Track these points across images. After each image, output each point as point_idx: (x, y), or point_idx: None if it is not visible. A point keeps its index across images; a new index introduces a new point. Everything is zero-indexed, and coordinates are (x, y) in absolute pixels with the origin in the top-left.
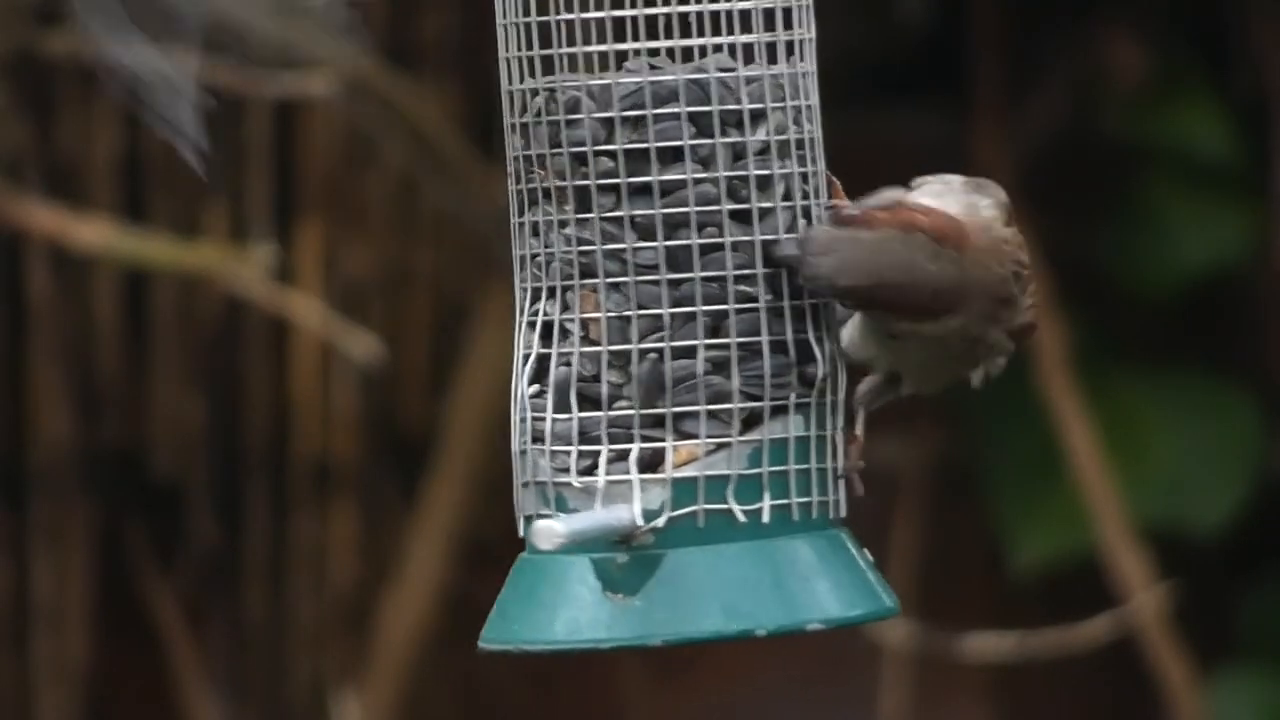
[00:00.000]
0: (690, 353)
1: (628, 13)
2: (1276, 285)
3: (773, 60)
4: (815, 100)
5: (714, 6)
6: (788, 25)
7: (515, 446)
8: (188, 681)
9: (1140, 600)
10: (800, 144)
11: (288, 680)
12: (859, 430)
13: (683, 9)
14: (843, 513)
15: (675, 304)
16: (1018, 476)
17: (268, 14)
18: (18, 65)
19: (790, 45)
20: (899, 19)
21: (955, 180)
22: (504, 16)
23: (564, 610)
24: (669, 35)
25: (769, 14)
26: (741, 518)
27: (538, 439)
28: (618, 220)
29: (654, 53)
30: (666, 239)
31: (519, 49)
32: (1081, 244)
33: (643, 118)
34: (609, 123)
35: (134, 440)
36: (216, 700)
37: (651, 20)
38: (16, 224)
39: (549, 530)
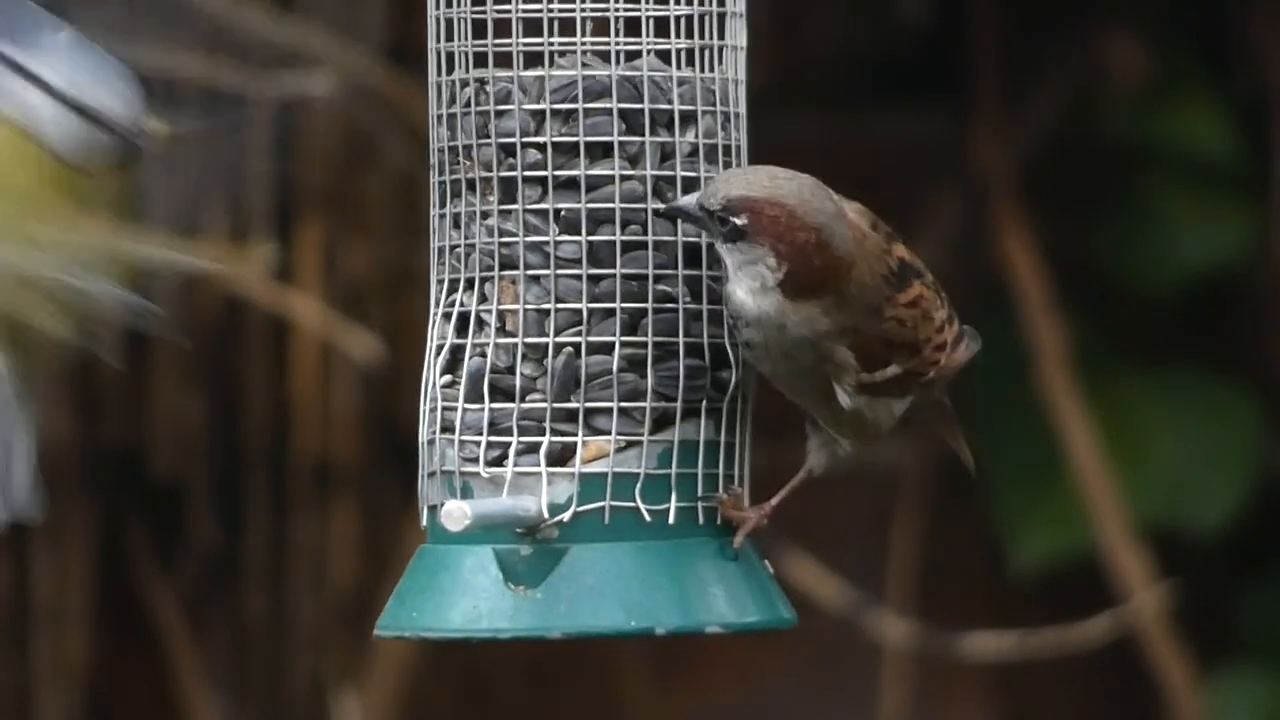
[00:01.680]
0: (606, 349)
1: (559, 11)
2: (1276, 285)
3: (705, 67)
4: (743, 109)
5: (651, 10)
6: (720, 34)
7: (423, 436)
8: (188, 681)
9: (1140, 600)
10: (727, 149)
11: (288, 680)
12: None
13: (623, 11)
14: None
15: (594, 299)
16: (1018, 476)
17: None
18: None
19: (720, 52)
20: (899, 19)
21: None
22: (435, 8)
23: (464, 599)
24: (603, 36)
25: (701, 20)
26: (648, 517)
27: (447, 429)
28: (542, 213)
29: (588, 54)
30: (590, 234)
31: (449, 41)
32: (1082, 244)
33: (574, 111)
34: (539, 115)
35: (134, 440)
36: (216, 700)
37: (585, 21)
38: None
39: (458, 511)
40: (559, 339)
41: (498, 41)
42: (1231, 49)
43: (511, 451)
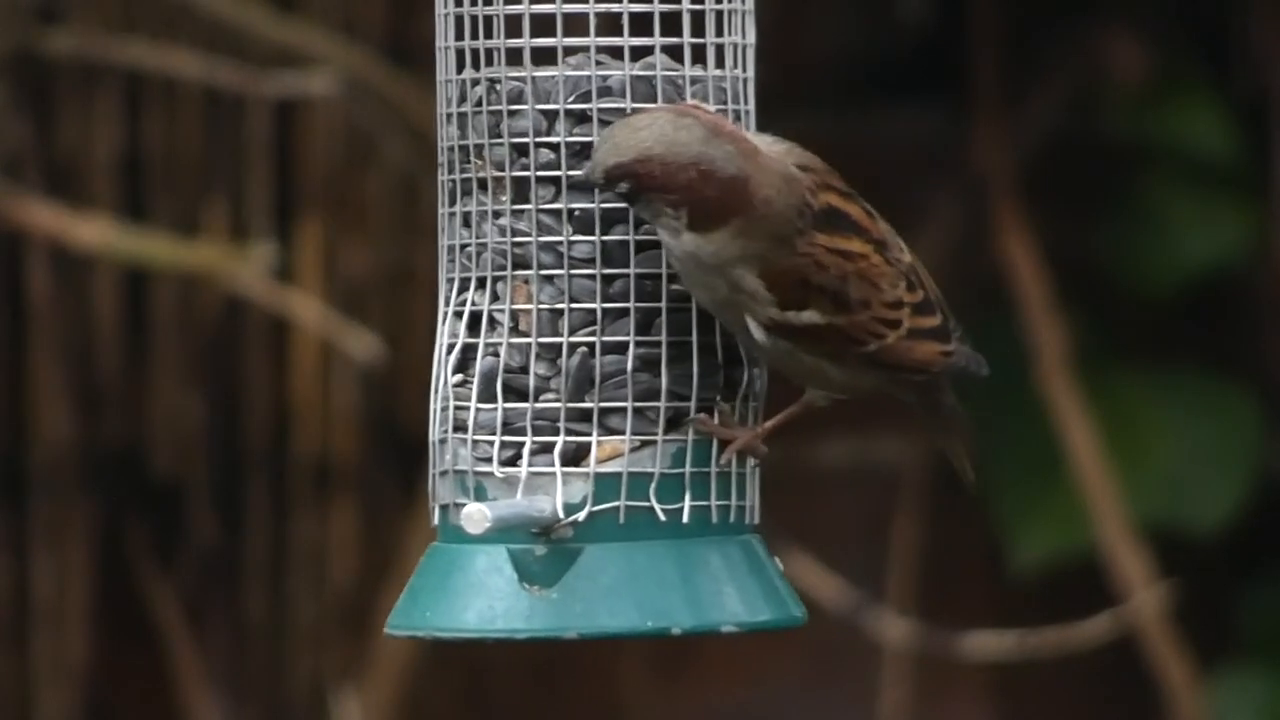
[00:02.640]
0: (620, 349)
1: (574, 8)
2: (1276, 285)
3: (718, 64)
4: (752, 106)
5: (661, 7)
6: (728, 31)
7: (434, 435)
8: (188, 681)
9: (1140, 600)
10: None
11: (288, 680)
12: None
13: (632, 8)
14: (757, 518)
15: (608, 299)
16: (1018, 476)
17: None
18: (18, 65)
19: (729, 50)
20: (899, 19)
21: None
22: (444, 7)
23: (479, 599)
24: (612, 34)
25: (710, 17)
26: (662, 516)
27: (459, 428)
28: (556, 213)
29: (598, 50)
30: (603, 233)
31: (458, 39)
32: (1081, 244)
33: (587, 111)
34: (552, 115)
35: (134, 440)
36: (216, 700)
37: (595, 18)
38: (16, 224)
39: (478, 514)
40: (573, 339)
41: (508, 41)
42: (1231, 49)
43: (526, 451)
